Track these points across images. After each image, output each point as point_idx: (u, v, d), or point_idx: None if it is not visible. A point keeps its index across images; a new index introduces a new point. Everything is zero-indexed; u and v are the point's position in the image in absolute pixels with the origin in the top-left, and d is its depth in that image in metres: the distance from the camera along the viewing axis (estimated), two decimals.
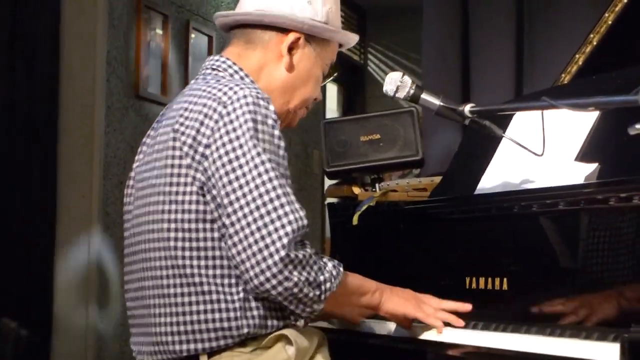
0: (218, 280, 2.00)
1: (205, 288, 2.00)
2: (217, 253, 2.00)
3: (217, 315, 2.00)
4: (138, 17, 4.65)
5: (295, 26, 2.18)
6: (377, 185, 2.86)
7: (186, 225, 2.01)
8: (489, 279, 2.23)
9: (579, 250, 2.12)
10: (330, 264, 2.03)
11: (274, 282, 1.91)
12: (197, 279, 2.00)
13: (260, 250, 1.91)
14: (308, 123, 2.34)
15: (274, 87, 2.18)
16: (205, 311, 2.00)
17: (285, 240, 1.90)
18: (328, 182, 3.03)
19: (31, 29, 4.24)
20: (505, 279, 2.20)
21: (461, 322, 2.17)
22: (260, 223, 1.91)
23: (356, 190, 2.87)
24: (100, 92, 4.39)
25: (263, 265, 1.90)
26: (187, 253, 2.01)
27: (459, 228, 2.42)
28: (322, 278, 1.98)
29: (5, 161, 4.12)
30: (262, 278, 1.91)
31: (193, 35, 5.17)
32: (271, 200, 1.93)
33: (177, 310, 2.02)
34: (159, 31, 4.86)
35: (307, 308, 1.99)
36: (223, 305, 2.00)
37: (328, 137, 2.86)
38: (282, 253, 1.90)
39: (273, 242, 1.90)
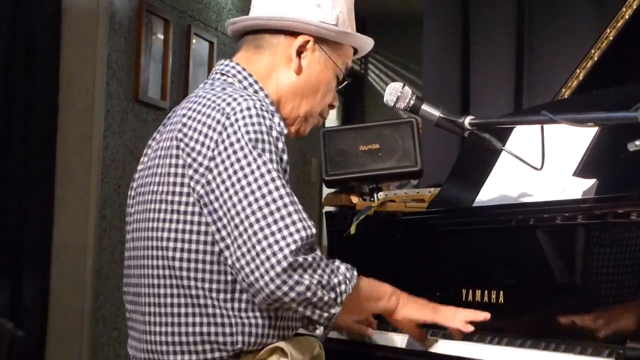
0: (214, 295, 1.99)
1: (202, 301, 1.99)
2: (215, 267, 1.99)
3: (212, 329, 1.99)
4: (139, 22, 4.66)
5: (303, 28, 2.16)
6: (375, 195, 2.86)
7: (186, 236, 2.00)
8: (486, 292, 2.23)
9: (575, 265, 2.12)
10: (342, 267, 2.00)
11: (285, 288, 1.89)
12: (193, 292, 1.99)
13: (268, 258, 1.88)
14: None
15: (283, 91, 2.16)
16: (201, 324, 1.99)
17: (293, 247, 1.88)
18: (326, 190, 3.03)
19: (31, 31, 4.24)
20: (501, 292, 2.21)
21: (485, 316, 2.13)
22: (267, 231, 1.89)
23: (354, 199, 2.87)
24: (100, 96, 4.39)
25: (272, 273, 1.88)
26: (184, 264, 2.00)
27: (457, 240, 2.43)
28: (336, 280, 1.95)
29: (3, 162, 4.12)
30: (272, 286, 1.88)
31: (194, 41, 5.17)
32: (278, 209, 1.91)
33: (172, 320, 2.01)
34: (160, 36, 4.86)
35: (324, 313, 1.96)
36: (219, 320, 1.99)
37: (327, 145, 2.86)
38: (290, 259, 1.87)
39: (281, 249, 1.88)
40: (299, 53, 2.17)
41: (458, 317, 2.14)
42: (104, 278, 4.42)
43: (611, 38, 2.85)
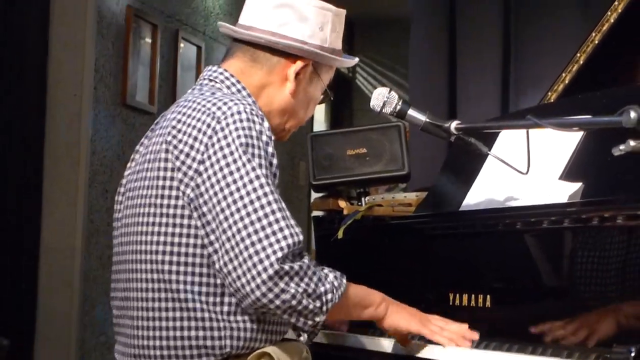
0: (203, 298, 1.99)
1: (190, 305, 1.99)
2: (205, 270, 1.99)
3: (200, 333, 1.99)
4: (127, 26, 4.65)
5: (306, 54, 2.18)
6: (363, 199, 2.86)
7: (175, 240, 2.00)
8: (472, 296, 2.23)
9: (562, 269, 2.13)
10: (331, 275, 2.00)
11: (270, 295, 1.90)
12: (182, 295, 1.99)
13: (254, 265, 1.89)
14: (294, 134, 2.34)
15: (273, 108, 2.18)
16: (189, 328, 1.99)
17: (280, 254, 1.89)
18: (315, 194, 3.04)
19: (20, 35, 4.24)
20: (488, 296, 2.21)
21: (467, 343, 2.13)
22: (254, 238, 1.90)
23: (342, 203, 2.88)
24: (88, 100, 4.38)
25: (258, 280, 1.88)
26: (174, 268, 2.00)
27: (444, 244, 2.43)
28: (322, 289, 1.96)
29: None
30: (258, 293, 1.89)
31: (182, 45, 5.17)
32: (266, 215, 1.92)
33: (160, 324, 2.01)
34: (148, 40, 4.86)
35: (308, 321, 1.97)
36: (207, 324, 1.99)
37: (314, 150, 2.86)
38: (276, 266, 1.88)
39: (267, 257, 1.88)
40: (296, 75, 2.18)
41: (445, 334, 2.14)
42: (92, 282, 4.42)
43: (596, 42, 2.86)
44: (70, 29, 4.39)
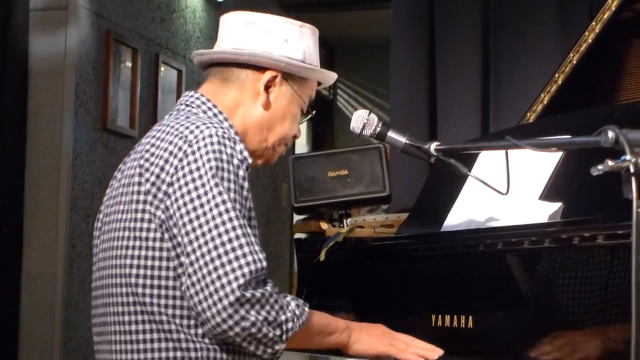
0: (178, 320, 1.99)
1: (166, 327, 1.99)
2: (178, 293, 1.98)
3: (179, 354, 1.98)
4: (107, 51, 4.66)
5: (271, 64, 2.18)
6: (344, 220, 2.87)
7: (149, 263, 2.00)
8: (455, 317, 2.23)
9: (543, 289, 2.13)
10: (293, 303, 1.99)
11: (230, 322, 1.89)
12: (157, 317, 1.99)
13: (216, 291, 1.88)
14: None
15: (250, 125, 2.18)
16: (167, 349, 1.99)
17: (241, 281, 1.88)
18: (297, 216, 3.05)
19: None
20: (470, 317, 2.21)
21: (435, 356, 2.15)
22: (217, 263, 1.90)
23: (324, 225, 2.88)
24: (68, 125, 4.38)
25: (219, 306, 1.88)
26: (148, 291, 2.00)
27: (425, 265, 2.43)
28: (283, 317, 1.95)
29: None
30: (218, 319, 1.89)
31: (162, 69, 5.18)
32: (230, 241, 1.91)
33: (138, 347, 2.01)
34: (129, 64, 4.86)
35: (267, 349, 1.96)
36: (184, 345, 1.99)
37: (296, 172, 2.87)
38: (238, 293, 1.88)
39: (229, 282, 1.88)
40: (267, 88, 2.19)
41: (412, 350, 2.15)
42: (74, 308, 4.40)
43: (575, 62, 2.87)
44: (50, 53, 4.39)
